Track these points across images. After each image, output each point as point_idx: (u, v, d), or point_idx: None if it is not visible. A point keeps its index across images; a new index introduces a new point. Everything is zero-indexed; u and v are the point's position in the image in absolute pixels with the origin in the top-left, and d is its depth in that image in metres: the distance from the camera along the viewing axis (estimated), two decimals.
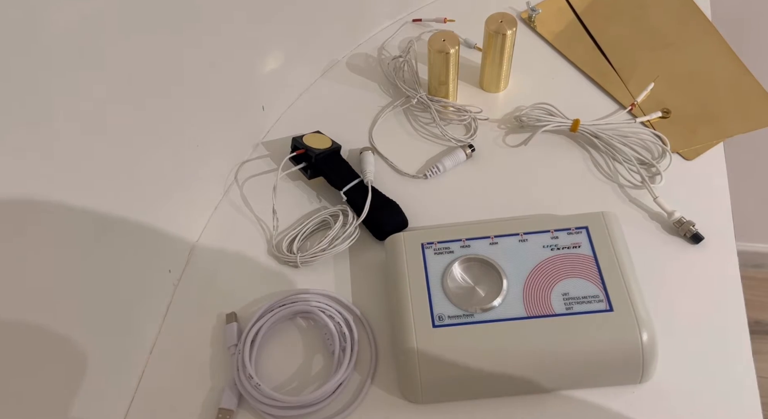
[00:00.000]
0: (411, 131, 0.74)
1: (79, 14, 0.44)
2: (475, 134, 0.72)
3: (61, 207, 0.46)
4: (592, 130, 0.69)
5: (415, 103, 0.74)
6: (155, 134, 0.57)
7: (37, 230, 0.44)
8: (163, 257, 0.62)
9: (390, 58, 0.79)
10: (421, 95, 0.73)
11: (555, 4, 0.84)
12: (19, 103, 0.41)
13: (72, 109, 0.46)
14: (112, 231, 0.53)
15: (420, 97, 0.73)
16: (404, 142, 0.73)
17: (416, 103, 0.74)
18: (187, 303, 0.63)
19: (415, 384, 0.53)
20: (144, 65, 0.52)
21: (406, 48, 0.78)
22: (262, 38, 0.68)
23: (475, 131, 0.72)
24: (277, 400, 0.54)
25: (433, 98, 0.73)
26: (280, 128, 0.75)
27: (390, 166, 0.70)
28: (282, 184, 0.70)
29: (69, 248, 0.48)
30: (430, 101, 0.73)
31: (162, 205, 0.60)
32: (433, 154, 0.71)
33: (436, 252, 0.58)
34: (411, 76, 0.76)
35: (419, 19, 0.83)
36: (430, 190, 0.69)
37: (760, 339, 1.42)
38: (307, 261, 0.62)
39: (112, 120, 0.50)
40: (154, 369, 0.59)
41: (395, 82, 0.76)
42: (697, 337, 0.57)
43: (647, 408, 0.54)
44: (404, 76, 0.77)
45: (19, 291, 0.43)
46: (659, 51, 0.77)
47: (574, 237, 0.58)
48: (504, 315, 0.54)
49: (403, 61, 0.77)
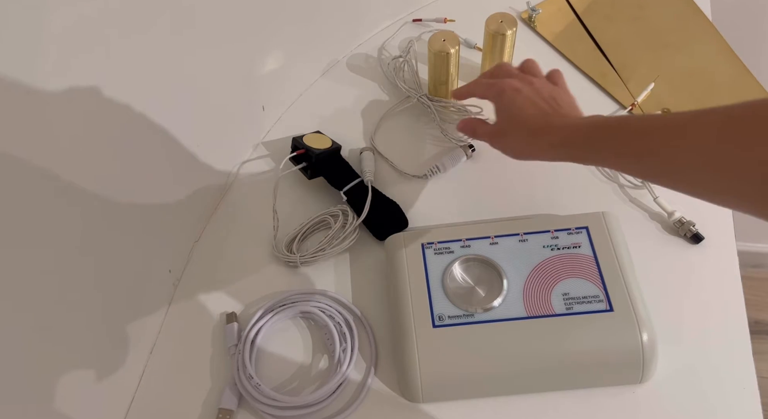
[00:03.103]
0: (412, 131, 0.74)
1: (78, 15, 0.44)
2: None
3: (62, 207, 0.46)
4: None
5: (415, 103, 0.74)
6: (155, 134, 0.57)
7: (36, 230, 0.44)
8: (163, 257, 0.62)
9: (390, 58, 0.79)
10: (422, 95, 0.73)
11: (555, 4, 0.84)
12: (20, 101, 0.41)
13: (72, 106, 0.46)
14: (112, 231, 0.53)
15: (420, 97, 0.73)
16: (405, 142, 0.72)
17: (416, 102, 0.74)
18: (187, 303, 0.63)
19: (415, 384, 0.53)
20: (144, 65, 0.52)
21: (406, 48, 0.78)
22: (262, 38, 0.68)
23: None
24: (277, 400, 0.54)
25: (434, 98, 0.73)
26: (280, 128, 0.75)
27: (391, 166, 0.70)
28: (282, 183, 0.69)
29: (69, 248, 0.48)
30: (430, 101, 0.73)
31: (162, 205, 0.60)
32: (434, 153, 0.71)
33: (436, 252, 0.58)
34: (411, 76, 0.76)
35: (419, 19, 0.83)
36: (430, 189, 0.69)
37: (760, 339, 1.42)
38: (307, 261, 0.62)
39: (112, 119, 0.50)
40: (154, 369, 0.59)
41: (395, 82, 0.76)
42: (698, 337, 0.57)
43: (647, 408, 0.54)
44: (404, 76, 0.77)
45: (19, 291, 0.43)
46: (659, 51, 0.77)
47: (575, 237, 0.58)
48: (504, 315, 0.54)
49: (403, 61, 0.77)
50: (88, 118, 0.48)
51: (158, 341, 0.61)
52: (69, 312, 0.48)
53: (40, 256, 0.45)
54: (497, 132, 0.58)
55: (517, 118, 0.55)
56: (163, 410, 0.57)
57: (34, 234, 0.44)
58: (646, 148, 0.44)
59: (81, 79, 0.46)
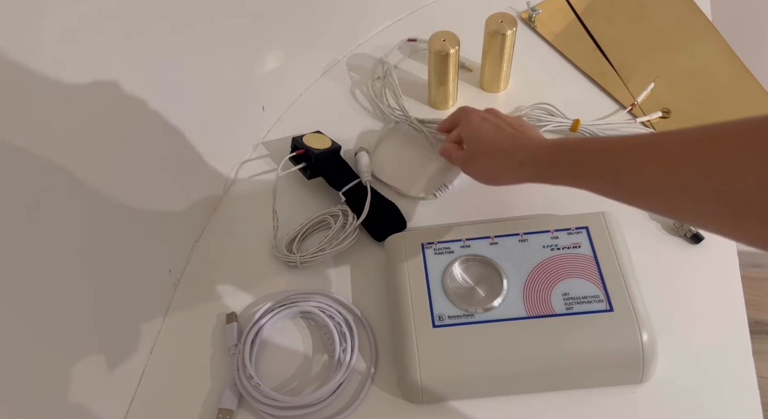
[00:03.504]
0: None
1: (77, 16, 0.44)
2: None
3: (62, 207, 0.46)
4: (592, 131, 0.69)
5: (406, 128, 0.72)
6: (155, 134, 0.57)
7: (36, 230, 0.44)
8: (163, 257, 0.62)
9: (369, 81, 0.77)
10: (411, 121, 0.71)
11: (555, 4, 0.84)
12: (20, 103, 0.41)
13: (72, 106, 0.46)
14: (112, 232, 0.53)
15: (410, 123, 0.71)
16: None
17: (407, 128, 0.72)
18: (187, 303, 0.63)
19: (415, 384, 0.53)
20: (144, 65, 0.52)
21: (383, 72, 0.75)
22: (262, 38, 0.68)
23: None
24: (277, 400, 0.54)
25: (424, 121, 0.71)
26: (280, 128, 0.75)
27: (396, 192, 0.69)
28: (282, 183, 0.69)
29: (69, 248, 0.48)
30: (421, 125, 0.71)
31: (162, 205, 0.60)
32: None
33: (436, 252, 0.58)
34: (395, 99, 0.74)
35: (414, 39, 0.82)
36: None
37: (760, 339, 1.41)
38: (307, 261, 0.62)
39: (112, 119, 0.50)
40: (154, 369, 0.59)
41: (380, 107, 0.74)
42: (698, 337, 0.57)
43: (647, 408, 0.54)
44: (388, 101, 0.74)
45: (19, 291, 0.43)
46: (659, 51, 0.77)
47: (574, 237, 0.58)
48: (504, 315, 0.54)
49: (383, 86, 0.75)
50: (88, 118, 0.48)
51: (158, 341, 0.61)
52: (69, 312, 0.48)
53: (40, 256, 0.45)
54: (467, 156, 0.60)
55: (486, 141, 0.57)
56: (163, 410, 0.57)
57: (34, 234, 0.44)
58: (606, 168, 0.45)
59: (81, 80, 0.46)
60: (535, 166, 0.52)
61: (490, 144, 0.57)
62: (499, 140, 0.56)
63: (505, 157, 0.55)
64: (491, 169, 0.57)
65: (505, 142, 0.56)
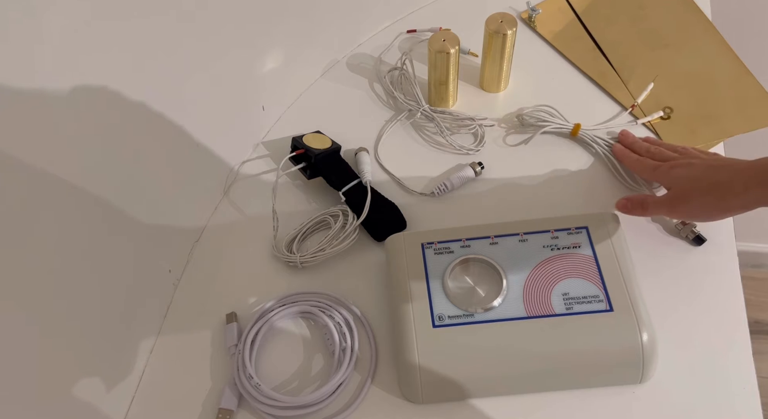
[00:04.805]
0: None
1: (77, 15, 0.44)
2: (482, 142, 0.71)
3: (62, 207, 0.46)
4: (592, 135, 0.69)
5: (417, 115, 0.73)
6: (155, 134, 0.57)
7: (37, 230, 0.44)
8: (163, 257, 0.62)
9: (386, 71, 0.78)
10: (424, 108, 0.72)
11: (555, 4, 0.84)
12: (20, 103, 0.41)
13: (71, 107, 0.46)
14: (112, 232, 0.53)
15: (423, 110, 0.72)
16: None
17: (418, 114, 0.72)
18: (187, 303, 0.63)
19: (415, 384, 0.53)
20: (144, 65, 0.52)
21: (402, 59, 0.76)
22: (262, 38, 0.68)
23: (482, 139, 0.71)
24: (277, 400, 0.54)
25: (436, 110, 0.72)
26: (280, 128, 0.75)
27: (397, 184, 0.69)
28: (282, 183, 0.70)
29: (69, 248, 0.48)
30: (433, 113, 0.72)
31: (162, 205, 0.60)
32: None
33: (436, 252, 0.58)
34: (410, 88, 0.74)
35: (413, 29, 0.82)
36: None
37: (760, 339, 1.42)
38: (307, 261, 0.62)
39: (112, 119, 0.50)
40: (154, 369, 0.59)
41: (394, 95, 0.74)
42: (698, 337, 0.57)
43: (647, 408, 0.54)
44: (403, 88, 0.75)
45: (19, 292, 0.43)
46: (659, 51, 0.77)
47: (574, 237, 0.58)
48: (504, 315, 0.54)
49: (400, 74, 0.76)
50: (87, 118, 0.48)
51: (158, 341, 0.61)
52: (68, 312, 0.48)
53: (40, 256, 0.45)
54: (676, 198, 0.58)
55: (699, 177, 0.56)
56: (163, 410, 0.57)
57: (34, 234, 0.44)
58: None
59: (80, 80, 0.46)
60: (761, 188, 0.51)
61: (703, 179, 0.55)
62: (713, 174, 0.55)
63: (726, 185, 0.53)
64: (711, 201, 0.55)
65: (719, 174, 0.54)
